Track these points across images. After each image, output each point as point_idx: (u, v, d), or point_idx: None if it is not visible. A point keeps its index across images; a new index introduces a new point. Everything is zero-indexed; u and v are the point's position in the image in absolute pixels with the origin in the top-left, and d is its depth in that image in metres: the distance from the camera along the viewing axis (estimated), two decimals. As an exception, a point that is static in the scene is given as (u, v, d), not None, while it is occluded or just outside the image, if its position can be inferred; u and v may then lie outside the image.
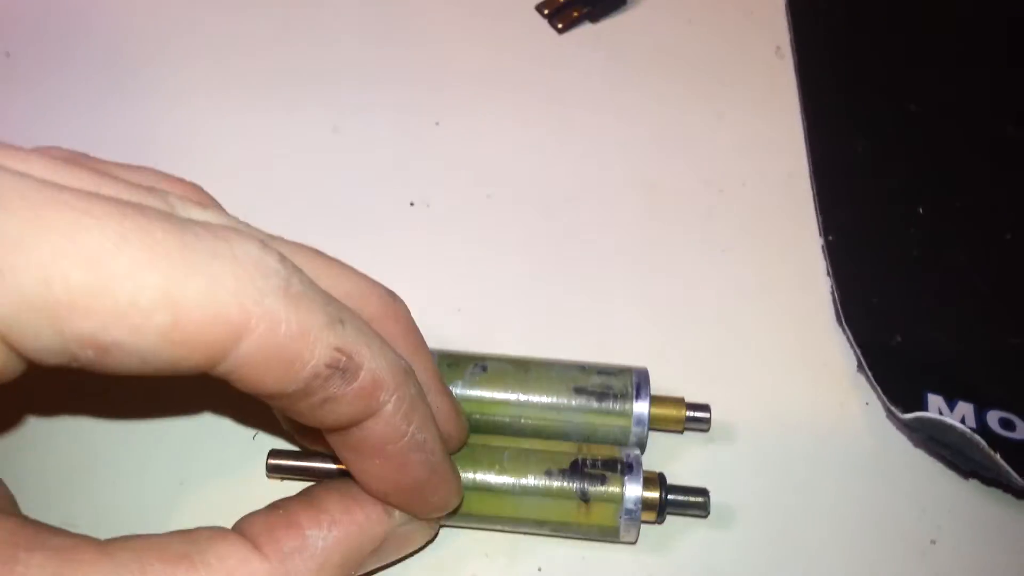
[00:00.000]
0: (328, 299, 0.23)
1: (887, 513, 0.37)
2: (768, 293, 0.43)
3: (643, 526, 0.36)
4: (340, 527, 0.28)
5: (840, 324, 0.41)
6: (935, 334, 0.40)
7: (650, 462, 0.37)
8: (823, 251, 0.44)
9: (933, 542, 0.37)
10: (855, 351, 0.40)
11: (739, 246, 0.45)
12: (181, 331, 0.19)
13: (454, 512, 0.32)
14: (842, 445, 0.39)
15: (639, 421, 0.35)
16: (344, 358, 0.22)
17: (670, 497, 0.34)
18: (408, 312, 0.32)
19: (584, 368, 0.36)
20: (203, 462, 0.37)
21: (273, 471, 0.34)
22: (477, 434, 0.35)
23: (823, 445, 0.39)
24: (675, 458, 0.38)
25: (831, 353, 0.41)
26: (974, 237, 0.44)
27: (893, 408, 0.36)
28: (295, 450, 0.35)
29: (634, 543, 0.35)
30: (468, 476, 0.33)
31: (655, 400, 0.36)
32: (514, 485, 0.33)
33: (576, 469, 0.33)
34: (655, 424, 0.37)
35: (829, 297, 0.43)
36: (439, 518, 0.32)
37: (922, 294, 0.42)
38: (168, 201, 0.23)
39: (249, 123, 0.48)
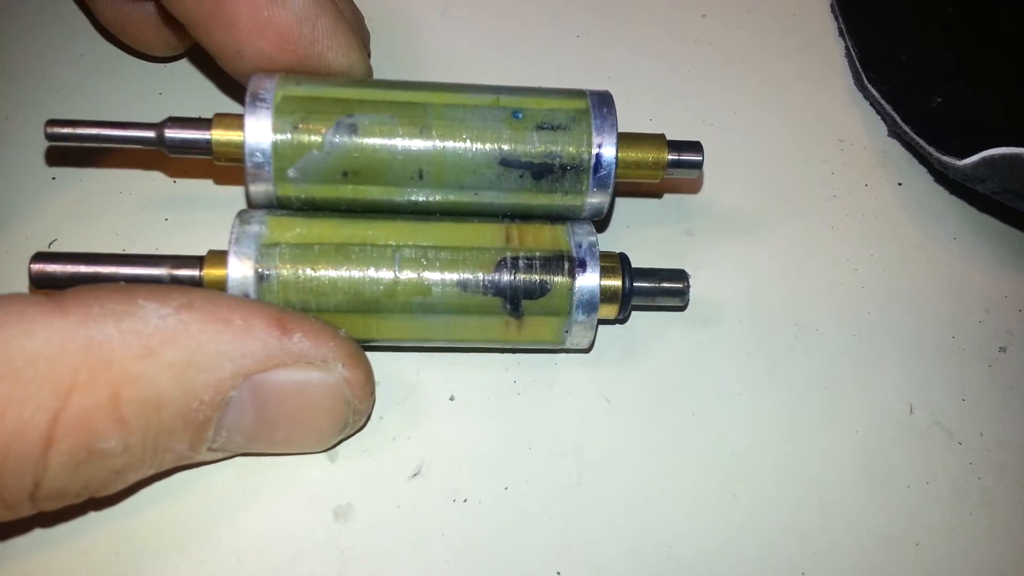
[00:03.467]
0: None
1: (936, 319, 0.27)
2: (764, 62, 0.32)
3: (600, 328, 0.26)
4: (194, 314, 0.19)
5: (862, 87, 0.31)
6: (986, 92, 0.30)
7: (609, 240, 0.27)
8: (832, 10, 0.34)
9: (1002, 350, 0.27)
10: (885, 111, 0.29)
11: (723, 11, 0.34)
12: None
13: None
14: (871, 237, 0.28)
15: (601, 185, 0.24)
16: None
17: (638, 284, 0.24)
18: None
19: (517, 116, 0.24)
20: None
21: (39, 280, 0.22)
22: (353, 219, 0.23)
23: (844, 238, 0.28)
24: (640, 237, 0.27)
25: (849, 126, 0.31)
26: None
27: (948, 159, 0.26)
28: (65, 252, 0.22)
29: (587, 350, 0.25)
30: (345, 290, 0.22)
31: (626, 140, 0.24)
32: (412, 304, 0.22)
33: (503, 273, 0.23)
34: (624, 173, 0.25)
35: (843, 63, 0.32)
36: (359, 388, 0.22)
37: (964, 51, 0.32)
38: None
39: None
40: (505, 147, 0.24)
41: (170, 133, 0.23)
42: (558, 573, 0.22)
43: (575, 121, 0.24)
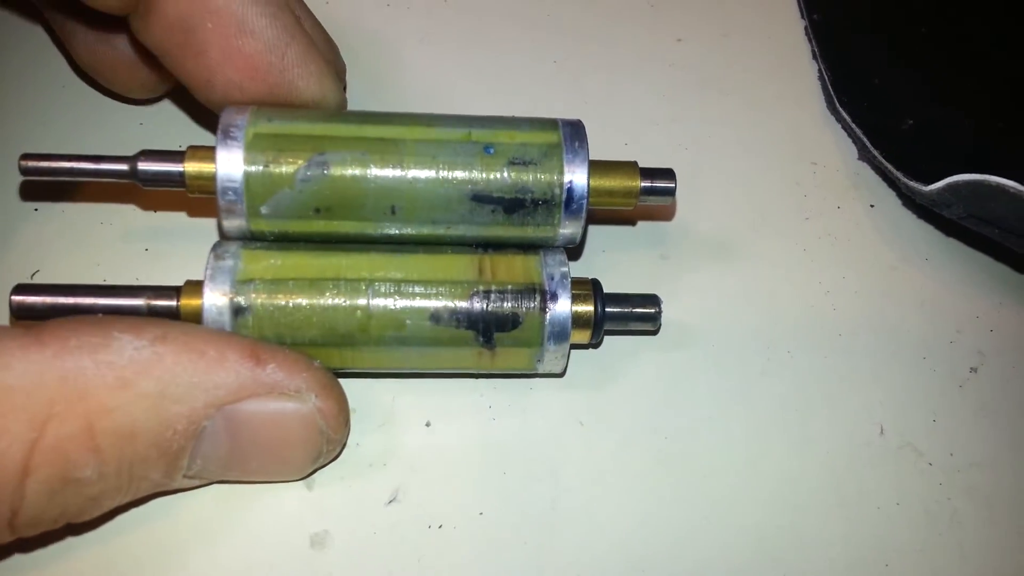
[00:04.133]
0: None
1: (907, 341, 0.27)
2: (739, 85, 0.33)
3: (573, 352, 0.26)
4: (168, 346, 0.20)
5: (833, 110, 0.31)
6: (958, 114, 0.30)
7: (583, 265, 0.27)
8: (806, 32, 0.34)
9: (973, 370, 0.27)
10: (856, 134, 0.30)
11: (698, 34, 0.34)
12: None
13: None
14: (843, 259, 0.29)
15: (572, 219, 0.24)
16: None
17: (610, 310, 0.24)
18: None
19: (488, 151, 0.24)
20: None
21: (20, 312, 0.22)
22: (327, 252, 0.24)
23: (816, 261, 0.29)
24: (614, 262, 0.28)
25: (822, 148, 0.31)
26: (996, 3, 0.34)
27: (915, 185, 0.27)
28: (45, 284, 0.23)
29: (561, 375, 0.25)
30: (319, 325, 0.23)
31: (598, 168, 0.25)
32: (385, 337, 0.23)
33: (475, 306, 0.23)
34: (597, 201, 0.25)
35: (816, 85, 0.33)
36: (332, 420, 0.22)
37: (936, 73, 0.32)
38: None
39: None
40: (477, 183, 0.24)
41: (143, 166, 0.23)
42: (532, 598, 0.23)
43: (547, 156, 0.24)
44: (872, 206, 0.30)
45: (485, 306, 0.23)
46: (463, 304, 0.23)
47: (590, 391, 0.26)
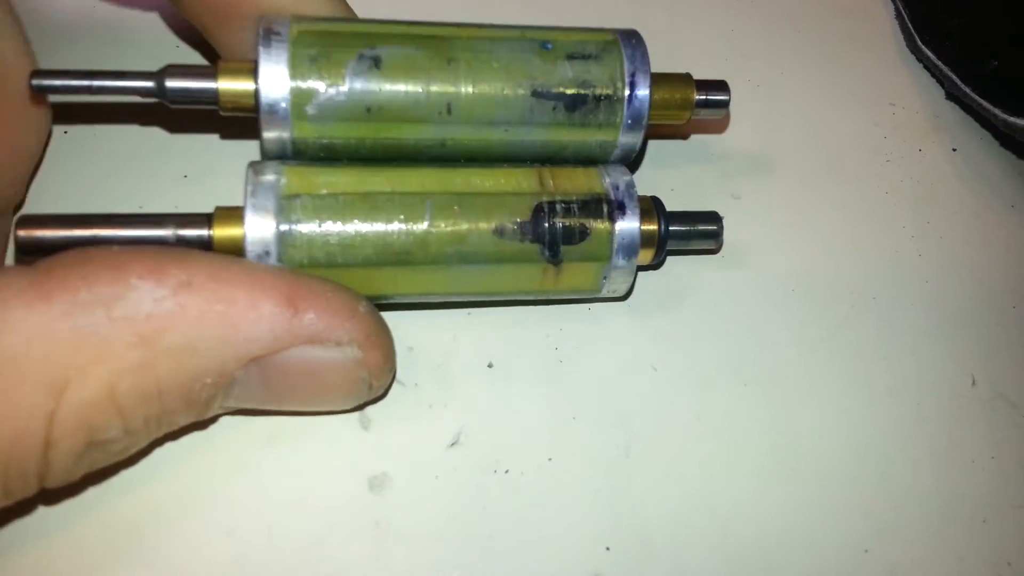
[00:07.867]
0: None
1: (996, 289, 0.26)
2: (811, 23, 0.31)
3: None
4: (193, 296, 0.17)
5: (915, 49, 0.30)
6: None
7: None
8: (880, -29, 0.32)
9: (1065, 321, 0.25)
10: (942, 72, 0.28)
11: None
12: None
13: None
14: (927, 203, 0.27)
15: (635, 118, 0.22)
16: None
17: (673, 228, 0.23)
18: None
19: (546, 46, 0.22)
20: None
21: (27, 247, 0.19)
22: (377, 168, 0.22)
23: (899, 205, 0.27)
24: (673, 184, 0.26)
25: (901, 89, 0.30)
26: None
27: (1014, 120, 0.25)
28: (55, 214, 0.20)
29: (624, 298, 0.24)
30: (374, 242, 0.21)
31: (654, 79, 0.23)
32: (446, 254, 0.21)
33: (540, 219, 0.21)
34: (653, 114, 0.23)
35: (892, 25, 0.31)
36: (376, 368, 0.20)
37: (1016, 13, 0.30)
38: None
39: None
40: (537, 78, 0.22)
41: (172, 83, 0.20)
42: (608, 549, 0.21)
43: (606, 51, 0.22)
44: (954, 150, 0.28)
45: (551, 219, 0.21)
46: (528, 216, 0.21)
47: (659, 330, 0.24)
